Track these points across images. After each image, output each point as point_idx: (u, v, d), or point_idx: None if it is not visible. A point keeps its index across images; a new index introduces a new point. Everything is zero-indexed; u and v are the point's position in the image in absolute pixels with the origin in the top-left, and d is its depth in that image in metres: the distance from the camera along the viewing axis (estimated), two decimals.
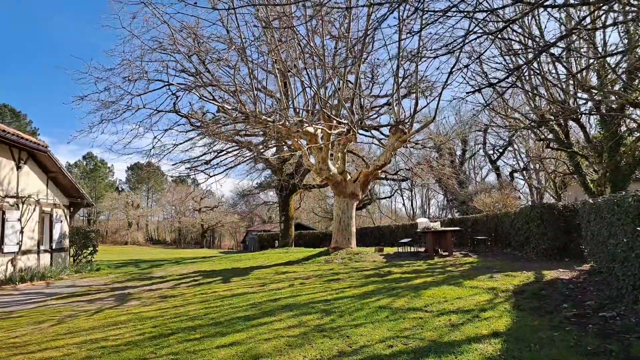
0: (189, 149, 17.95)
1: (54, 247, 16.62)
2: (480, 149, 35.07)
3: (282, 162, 24.76)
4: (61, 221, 17.34)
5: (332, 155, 16.21)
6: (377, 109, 19.55)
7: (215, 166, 18.33)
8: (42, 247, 15.87)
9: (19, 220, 14.33)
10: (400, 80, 14.17)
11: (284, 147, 22.17)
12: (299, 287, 9.35)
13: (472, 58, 9.08)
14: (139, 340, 5.77)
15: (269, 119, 13.88)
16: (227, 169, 19.09)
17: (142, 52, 13.15)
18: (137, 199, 70.09)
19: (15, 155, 14.49)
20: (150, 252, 43.04)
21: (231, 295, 9.05)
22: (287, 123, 12.77)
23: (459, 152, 35.18)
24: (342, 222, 15.41)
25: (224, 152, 19.21)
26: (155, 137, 14.70)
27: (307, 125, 13.28)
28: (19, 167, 14.68)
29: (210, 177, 18.21)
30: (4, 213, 13.64)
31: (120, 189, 77.27)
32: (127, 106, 13.24)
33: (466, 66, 6.84)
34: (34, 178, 15.65)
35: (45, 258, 16.07)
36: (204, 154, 19.41)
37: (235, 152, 20.12)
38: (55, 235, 16.76)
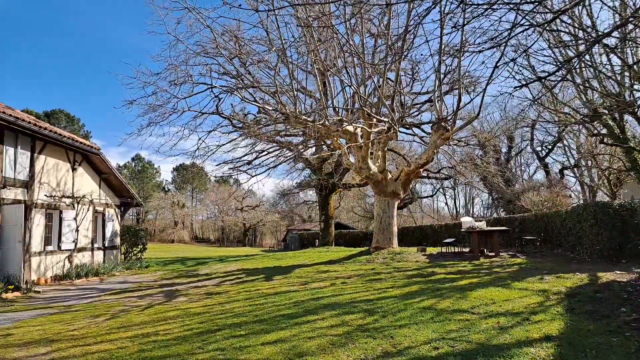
0: (231, 150, 18.34)
1: (106, 245, 17.47)
2: (527, 145, 33.70)
3: (321, 162, 24.85)
4: (113, 220, 18.20)
5: (372, 154, 16.08)
6: (419, 106, 19.24)
7: (257, 166, 18.65)
8: (95, 245, 16.72)
9: (75, 219, 15.16)
10: (442, 76, 13.87)
11: (324, 146, 22.24)
12: (340, 287, 9.35)
13: (519, 52, 8.73)
14: (187, 336, 5.96)
15: (308, 119, 13.98)
16: (268, 169, 19.39)
17: (187, 56, 13.60)
18: (182, 198, 72.46)
19: (70, 158, 15.33)
20: (195, 250, 44.41)
21: (274, 294, 9.17)
22: (326, 122, 12.80)
23: (504, 149, 34.00)
24: (383, 221, 15.27)
25: (265, 152, 19.51)
26: (200, 139, 15.15)
27: (346, 124, 13.26)
28: (74, 169, 15.52)
29: (252, 177, 18.55)
30: (61, 212, 14.46)
31: (166, 189, 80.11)
32: (173, 109, 13.74)
33: (512, 60, 6.55)
34: (87, 179, 16.50)
35: (99, 255, 16.92)
36: (246, 154, 19.81)
37: (276, 152, 20.39)
38: (108, 234, 17.61)
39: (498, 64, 5.34)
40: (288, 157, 20.14)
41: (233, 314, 7.33)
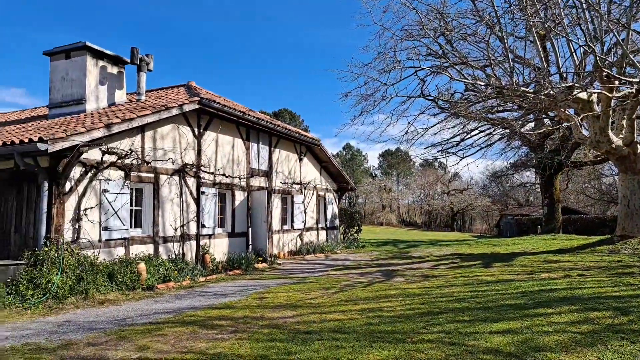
0: (438, 132, 17.87)
1: (327, 225, 19.42)
2: None
3: (542, 138, 22.02)
4: (332, 203, 20.09)
5: (613, 123, 13.39)
6: None
7: (468, 147, 17.75)
8: (319, 225, 18.77)
9: (303, 202, 17.29)
10: None
11: (545, 120, 19.65)
12: (577, 279, 8.14)
13: None
14: (409, 315, 6.09)
15: (527, 90, 12.49)
16: (480, 149, 18.25)
17: (394, 43, 13.81)
18: (388, 183, 74.97)
19: (297, 149, 17.51)
20: (404, 233, 45.46)
21: (496, 281, 8.60)
22: (551, 92, 11.20)
23: None
24: (631, 204, 12.61)
25: (477, 130, 18.39)
26: (409, 123, 15.23)
27: (578, 91, 11.35)
28: (300, 159, 17.68)
29: (462, 158, 17.75)
30: (292, 197, 16.69)
31: (373, 174, 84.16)
32: (382, 96, 14.19)
33: None
34: (310, 168, 18.59)
35: (322, 235, 18.94)
36: (454, 135, 19.06)
37: (487, 131, 19.02)
38: (329, 215, 19.53)
39: None
40: (501, 135, 18.53)
41: (453, 298, 7.17)
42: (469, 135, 18.67)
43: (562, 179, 26.55)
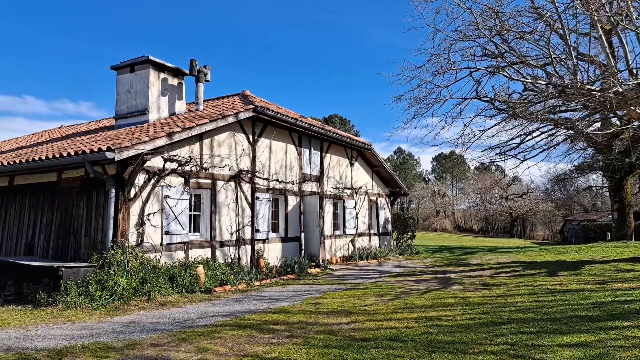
0: (496, 135, 17.13)
1: (380, 231, 19.17)
2: None
3: (610, 138, 20.55)
4: (384, 209, 19.82)
5: None
6: None
7: (529, 149, 16.89)
8: (371, 231, 18.58)
9: (354, 207, 17.20)
10: None
11: (613, 119, 18.33)
12: None
13: None
14: (470, 325, 5.84)
15: (593, 88, 11.70)
16: (541, 151, 17.29)
17: (448, 45, 13.47)
18: (442, 187, 73.04)
19: (348, 154, 17.48)
20: (459, 239, 44.02)
21: (563, 291, 8.08)
22: (620, 89, 10.43)
23: None
24: None
25: (537, 131, 17.45)
26: (465, 125, 14.74)
27: None
28: (351, 164, 17.62)
29: (522, 161, 16.89)
30: (343, 202, 16.65)
31: (426, 179, 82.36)
32: (435, 99, 13.84)
33: None
34: (362, 172, 18.47)
35: (374, 240, 18.72)
36: (513, 137, 18.20)
37: (549, 132, 18.00)
38: (381, 221, 19.29)
39: None
40: (566, 137, 17.47)
41: (517, 308, 6.80)
42: (529, 137, 17.77)
43: (633, 182, 24.64)
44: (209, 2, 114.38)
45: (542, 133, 17.33)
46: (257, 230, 11.98)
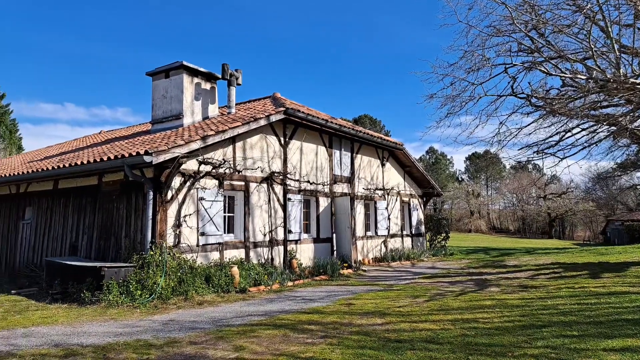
0: (533, 132, 16.58)
1: (412, 232, 18.93)
2: None
3: None
4: (417, 209, 19.57)
5: None
6: None
7: (569, 147, 16.29)
8: (404, 232, 18.37)
9: (386, 208, 17.06)
10: None
11: None
12: None
13: None
14: (508, 327, 5.69)
15: (638, 82, 11.17)
16: (581, 149, 16.63)
17: (482, 41, 13.17)
18: (476, 188, 71.40)
19: (379, 155, 17.36)
20: (495, 240, 42.88)
21: (607, 294, 7.75)
22: None
23: None
24: None
25: (577, 128, 16.81)
26: (500, 123, 14.36)
27: None
28: (382, 164, 17.50)
29: (562, 159, 16.30)
30: (375, 203, 16.55)
31: (460, 179, 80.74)
32: (469, 97, 13.55)
33: None
34: (393, 173, 18.31)
35: (407, 241, 18.50)
36: (551, 135, 17.59)
37: (590, 129, 17.30)
38: (413, 222, 19.05)
39: None
40: (608, 133, 16.74)
41: (558, 310, 6.57)
42: (568, 135, 17.12)
43: None
44: (238, 7, 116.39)
45: (583, 130, 16.69)
46: (289, 231, 12.08)
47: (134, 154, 8.20)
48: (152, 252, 8.29)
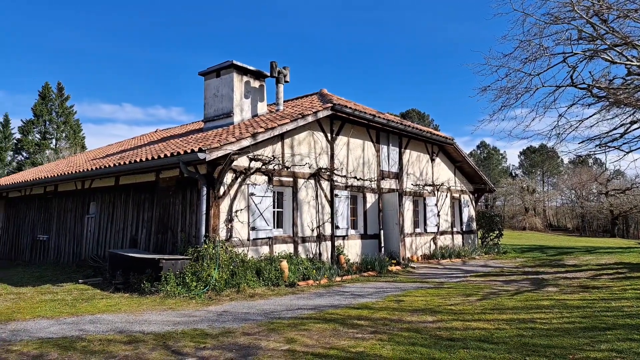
0: (595, 125, 15.62)
1: (463, 229, 18.43)
2: None
3: None
4: (468, 206, 19.02)
5: None
6: None
7: (635, 139, 15.23)
8: (454, 229, 17.92)
9: (435, 205, 16.71)
10: None
11: None
12: None
13: None
14: (568, 329, 5.43)
15: None
16: None
17: (539, 29, 12.54)
18: (532, 183, 68.25)
19: (429, 150, 17.01)
20: (552, 238, 40.86)
21: None
22: None
23: None
24: None
25: None
26: (559, 115, 13.68)
27: None
28: (432, 160, 17.13)
29: (626, 153, 15.27)
30: (424, 199, 16.25)
31: (513, 174, 77.56)
32: (525, 88, 12.98)
33: None
34: (443, 168, 17.88)
35: (457, 239, 18.03)
36: (614, 127, 16.49)
37: None
38: (464, 219, 18.53)
39: None
40: None
41: (623, 313, 6.19)
42: (634, 126, 15.99)
43: None
44: (284, 7, 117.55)
45: None
46: (337, 227, 12.12)
47: (189, 151, 8.53)
48: (205, 246, 8.60)
